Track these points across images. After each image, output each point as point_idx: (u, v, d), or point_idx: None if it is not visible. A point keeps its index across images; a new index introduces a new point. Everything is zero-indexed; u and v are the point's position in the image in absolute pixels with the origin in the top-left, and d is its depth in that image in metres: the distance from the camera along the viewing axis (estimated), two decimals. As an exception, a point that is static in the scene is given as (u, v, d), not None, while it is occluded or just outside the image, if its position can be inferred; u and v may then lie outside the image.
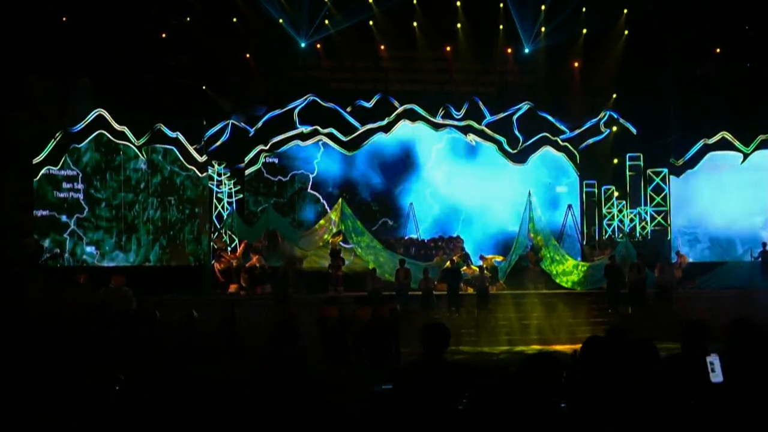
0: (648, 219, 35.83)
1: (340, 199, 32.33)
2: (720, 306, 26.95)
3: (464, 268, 29.74)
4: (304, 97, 35.66)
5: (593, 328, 25.72)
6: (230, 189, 33.82)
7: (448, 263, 29.74)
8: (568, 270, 31.00)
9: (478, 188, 36.80)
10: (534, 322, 26.18)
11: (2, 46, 27.66)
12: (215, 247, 30.58)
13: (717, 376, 6.15)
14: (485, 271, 29.47)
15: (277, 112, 35.49)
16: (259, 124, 35.30)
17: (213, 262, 29.94)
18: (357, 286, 29.00)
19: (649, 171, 36.28)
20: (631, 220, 35.87)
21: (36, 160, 29.46)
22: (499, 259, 32.27)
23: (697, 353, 6.78)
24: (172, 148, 32.47)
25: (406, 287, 27.25)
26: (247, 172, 35.26)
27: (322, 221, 32.28)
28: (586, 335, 25.39)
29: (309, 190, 36.04)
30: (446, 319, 26.54)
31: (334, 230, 31.40)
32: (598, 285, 29.65)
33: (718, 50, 34.93)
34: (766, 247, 32.16)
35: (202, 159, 33.08)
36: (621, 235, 35.03)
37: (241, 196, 34.65)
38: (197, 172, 32.99)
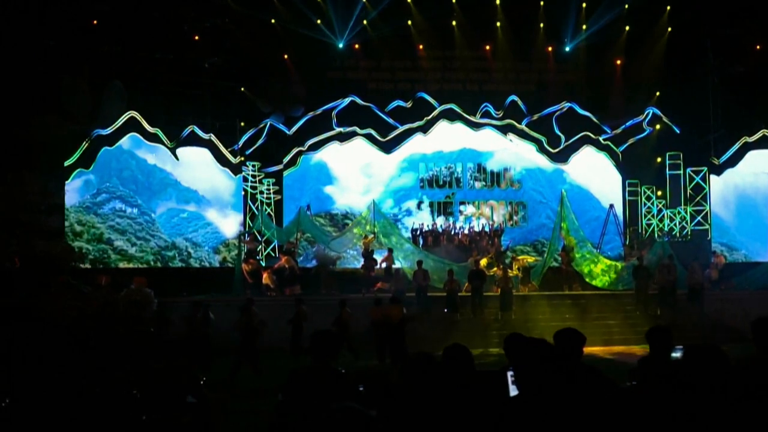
0: (688, 218, 35.17)
1: (372, 200, 32.34)
2: (752, 307, 26.38)
3: (494, 269, 29.36)
4: (343, 98, 35.60)
5: (622, 329, 25.51)
6: (268, 190, 33.94)
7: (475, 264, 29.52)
8: (597, 272, 30.64)
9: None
10: (559, 323, 25.75)
11: (34, 48, 28.17)
12: (247, 248, 30.67)
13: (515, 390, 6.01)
14: (513, 271, 29.24)
15: (316, 112, 35.46)
16: (298, 125, 35.33)
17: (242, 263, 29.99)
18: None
19: (689, 170, 35.59)
20: (671, 220, 35.26)
21: (67, 163, 29.96)
22: (531, 260, 31.97)
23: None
24: (206, 149, 32.83)
25: (425, 288, 27.07)
26: (285, 172, 35.30)
27: (354, 221, 32.40)
28: (615, 336, 25.05)
29: (348, 191, 35.99)
30: (469, 321, 26.44)
31: (367, 230, 31.39)
32: (630, 285, 29.15)
33: (758, 47, 34.18)
34: (806, 247, 31.51)
35: (236, 160, 33.34)
36: (660, 235, 34.52)
37: (280, 197, 34.69)
38: (231, 173, 33.29)
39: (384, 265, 29.78)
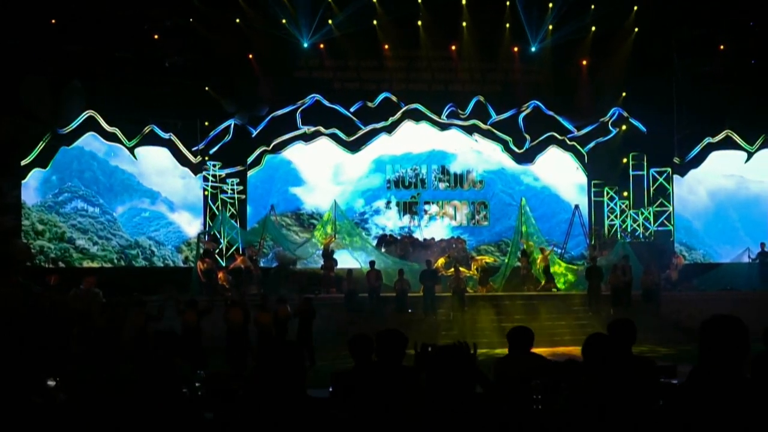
0: (651, 219, 35.19)
1: (333, 200, 32.36)
2: (709, 308, 26.35)
3: (451, 270, 29.32)
4: (308, 98, 35.49)
5: (572, 330, 25.42)
6: (232, 190, 33.83)
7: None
8: (558, 272, 30.78)
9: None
10: (511, 324, 25.72)
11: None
12: (205, 248, 30.55)
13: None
14: (471, 272, 29.28)
15: (280, 112, 35.33)
16: (262, 125, 35.20)
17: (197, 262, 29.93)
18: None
19: (652, 170, 35.62)
20: (635, 221, 35.27)
21: (24, 162, 29.92)
22: (489, 260, 32.03)
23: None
24: (165, 149, 32.82)
25: (377, 289, 27.09)
26: (249, 172, 35.21)
27: (317, 226, 32.46)
28: (565, 337, 24.98)
29: (316, 191, 35.94)
30: (420, 321, 26.42)
31: (329, 232, 31.38)
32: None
33: (722, 47, 34.19)
34: (765, 248, 31.49)
35: (196, 160, 33.28)
36: (622, 235, 34.52)
37: (244, 197, 34.61)
38: (191, 173, 33.25)
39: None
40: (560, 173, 37.05)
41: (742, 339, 4.81)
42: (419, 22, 35.31)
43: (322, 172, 36.02)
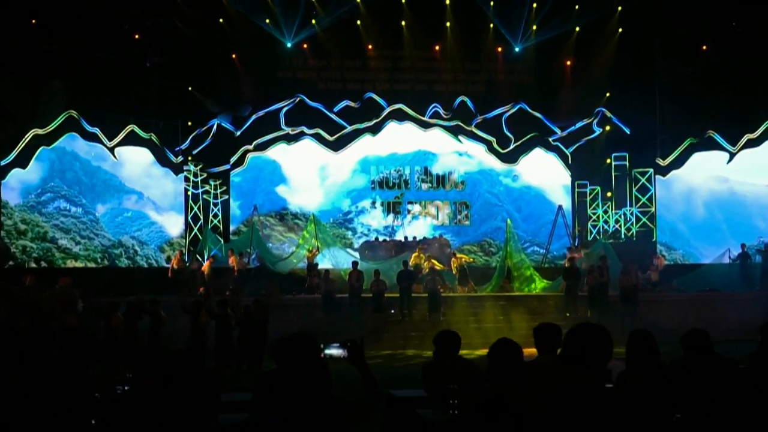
0: (633, 220, 35.21)
1: (312, 215, 32.48)
2: (689, 309, 26.51)
3: (426, 264, 29.34)
4: (291, 98, 35.41)
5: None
6: (214, 190, 33.76)
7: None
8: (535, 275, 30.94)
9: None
10: (487, 325, 25.70)
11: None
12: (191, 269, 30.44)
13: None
14: (447, 268, 29.33)
15: (263, 112, 35.27)
16: (246, 126, 35.14)
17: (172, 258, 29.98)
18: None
19: (634, 171, 35.65)
20: (617, 221, 35.26)
21: (3, 162, 29.90)
22: (469, 260, 32.04)
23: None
24: (146, 149, 32.79)
25: (358, 290, 27.05)
26: (233, 173, 35.19)
27: (300, 241, 32.48)
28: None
29: (301, 191, 35.95)
30: (396, 322, 26.44)
31: (312, 246, 31.29)
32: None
33: (704, 47, 34.16)
34: (745, 249, 31.48)
35: (177, 160, 33.23)
36: (606, 236, 34.48)
37: (227, 197, 34.56)
38: (173, 173, 33.21)
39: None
40: (546, 173, 37.01)
41: (603, 347, 4.90)
42: (403, 22, 35.25)
43: (308, 172, 36.05)
